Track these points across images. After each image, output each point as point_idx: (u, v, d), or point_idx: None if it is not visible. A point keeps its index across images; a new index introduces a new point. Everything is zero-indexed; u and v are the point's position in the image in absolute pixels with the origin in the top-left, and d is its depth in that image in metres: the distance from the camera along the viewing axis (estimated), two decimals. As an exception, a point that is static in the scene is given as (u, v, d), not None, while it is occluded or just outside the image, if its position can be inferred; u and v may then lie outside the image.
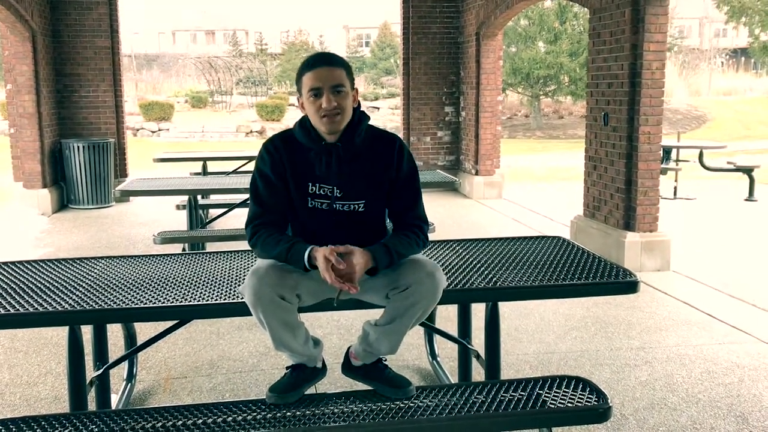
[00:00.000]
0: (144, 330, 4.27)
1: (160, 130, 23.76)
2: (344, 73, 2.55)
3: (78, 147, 9.39)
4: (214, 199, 8.04)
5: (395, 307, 2.50)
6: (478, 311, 4.00)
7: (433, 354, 4.03)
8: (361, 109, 2.66)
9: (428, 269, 2.46)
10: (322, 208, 2.60)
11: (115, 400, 3.46)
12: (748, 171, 10.26)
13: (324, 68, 2.52)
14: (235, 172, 8.67)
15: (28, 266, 3.21)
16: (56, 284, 2.89)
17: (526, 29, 24.59)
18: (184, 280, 2.94)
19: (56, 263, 3.26)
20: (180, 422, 2.41)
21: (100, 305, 2.62)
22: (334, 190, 2.59)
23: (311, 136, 2.59)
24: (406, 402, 2.53)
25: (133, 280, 2.95)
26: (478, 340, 3.83)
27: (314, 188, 2.59)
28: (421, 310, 2.49)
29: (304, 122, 2.63)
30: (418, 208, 2.70)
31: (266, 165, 2.61)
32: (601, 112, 6.57)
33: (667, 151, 10.48)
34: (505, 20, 9.51)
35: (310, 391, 2.64)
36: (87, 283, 2.89)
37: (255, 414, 2.46)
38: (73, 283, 2.90)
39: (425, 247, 2.70)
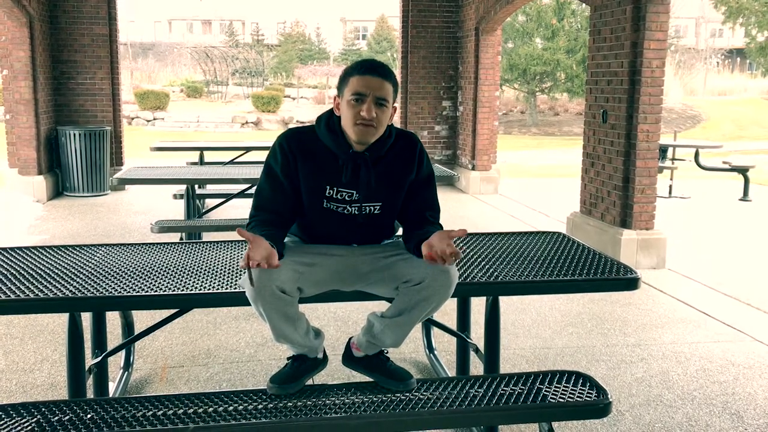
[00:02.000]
0: (140, 319, 4.26)
1: (155, 119, 23.67)
2: (392, 88, 2.50)
3: (74, 134, 9.35)
4: (211, 189, 8.02)
5: (405, 300, 2.48)
6: (475, 305, 4.02)
7: (430, 347, 4.03)
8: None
9: (443, 265, 2.45)
10: (337, 210, 2.57)
11: (112, 388, 3.46)
12: (743, 171, 10.30)
13: (375, 78, 2.47)
14: (232, 162, 8.64)
15: (26, 252, 3.19)
16: (56, 271, 2.88)
17: (524, 25, 24.57)
18: (184, 269, 2.93)
19: (55, 250, 3.24)
20: (180, 411, 2.40)
21: (101, 293, 2.60)
22: (354, 195, 2.56)
23: (339, 141, 2.54)
24: (407, 394, 2.53)
25: (134, 268, 2.94)
26: (475, 334, 3.84)
27: (332, 191, 2.55)
28: (432, 305, 2.47)
29: (331, 124, 2.57)
30: (436, 210, 2.70)
31: (277, 164, 2.56)
32: (600, 109, 6.58)
33: (663, 149, 10.51)
34: (504, 15, 9.50)
35: (309, 381, 2.64)
36: (87, 271, 2.88)
37: (255, 404, 2.45)
38: (73, 270, 2.88)
39: None
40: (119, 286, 2.68)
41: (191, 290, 2.65)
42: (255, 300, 2.38)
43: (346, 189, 2.55)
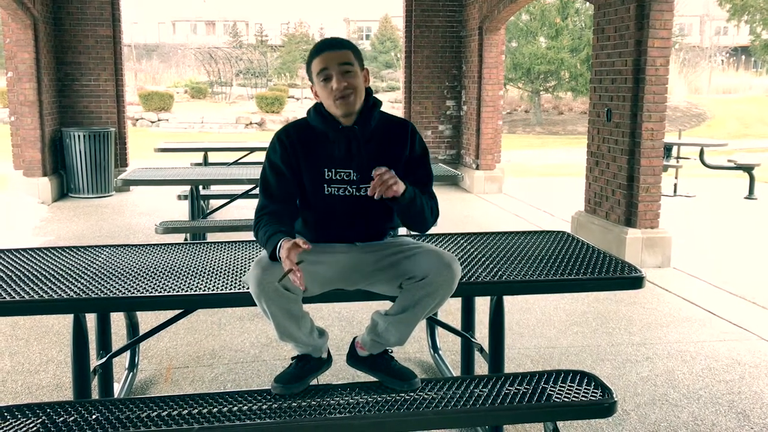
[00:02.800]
0: (145, 320, 4.27)
1: (159, 120, 23.71)
2: (351, 53, 2.56)
3: (78, 136, 9.37)
4: (215, 189, 8.03)
5: (409, 297, 2.49)
6: (479, 305, 4.01)
7: (435, 347, 4.03)
8: (374, 94, 2.67)
9: (446, 260, 2.46)
10: (339, 194, 2.59)
11: (117, 388, 3.46)
12: (748, 169, 10.26)
13: (330, 51, 2.54)
14: (236, 163, 8.66)
15: (31, 254, 3.20)
16: (60, 272, 2.88)
17: (528, 24, 24.54)
18: (188, 269, 2.94)
19: (60, 251, 3.25)
20: (185, 411, 2.40)
21: (106, 293, 2.61)
22: (352, 174, 2.59)
23: (327, 120, 2.60)
24: (411, 394, 2.53)
25: (138, 269, 2.94)
26: (479, 334, 3.83)
27: (330, 173, 2.59)
28: (435, 301, 2.48)
29: (318, 108, 2.64)
30: (430, 186, 2.71)
31: (277, 155, 2.61)
32: (604, 108, 6.56)
33: (668, 148, 10.48)
34: (508, 14, 9.49)
35: (313, 382, 2.64)
36: (91, 272, 2.89)
37: (260, 404, 2.45)
38: (77, 271, 2.89)
39: (435, 223, 2.71)
40: (124, 286, 2.69)
41: (196, 291, 2.65)
42: (258, 296, 2.40)
43: (343, 168, 2.59)
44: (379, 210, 2.65)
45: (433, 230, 6.04)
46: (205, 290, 2.66)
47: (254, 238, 2.64)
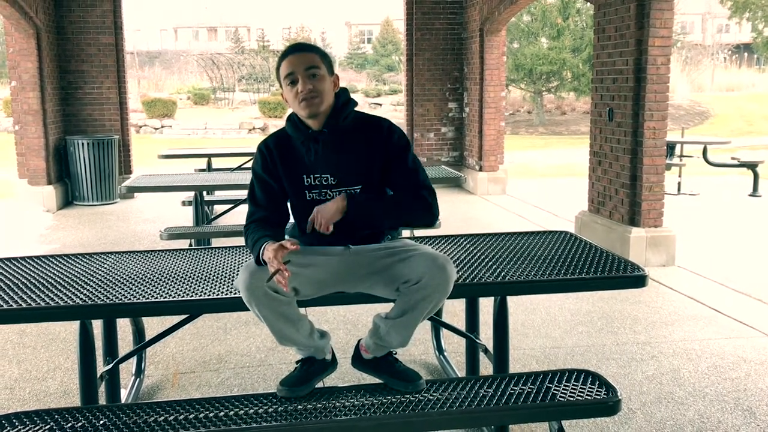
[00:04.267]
0: (151, 325, 4.28)
1: (162, 127, 23.77)
2: (317, 56, 2.56)
3: (82, 144, 9.41)
4: (219, 195, 8.06)
5: (406, 300, 2.50)
6: (484, 306, 4.02)
7: (440, 348, 4.04)
8: (351, 96, 2.67)
9: (439, 262, 2.46)
10: (320, 198, 2.61)
11: (124, 394, 3.48)
12: (752, 166, 10.25)
13: (295, 55, 2.56)
14: (239, 168, 8.68)
15: (37, 261, 3.22)
16: (66, 279, 2.90)
17: (529, 25, 24.55)
18: (193, 275, 2.95)
19: (65, 258, 3.27)
20: (192, 415, 2.42)
21: (111, 300, 2.63)
22: (329, 178, 2.60)
23: (298, 126, 2.62)
24: (416, 395, 2.54)
25: (144, 275, 2.96)
26: (484, 335, 3.84)
27: (309, 180, 2.61)
28: (431, 303, 2.49)
29: (292, 116, 2.67)
30: (419, 176, 2.63)
31: (259, 165, 2.67)
32: (605, 107, 6.57)
33: (671, 146, 10.47)
34: (508, 16, 9.50)
35: (319, 384, 2.66)
36: (97, 278, 2.91)
37: (266, 408, 2.47)
38: (83, 278, 2.91)
39: (432, 213, 2.61)
40: (129, 293, 2.71)
41: (201, 296, 2.67)
42: (249, 301, 2.42)
43: (320, 173, 2.60)
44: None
45: (436, 231, 6.08)
46: (210, 295, 2.67)
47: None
